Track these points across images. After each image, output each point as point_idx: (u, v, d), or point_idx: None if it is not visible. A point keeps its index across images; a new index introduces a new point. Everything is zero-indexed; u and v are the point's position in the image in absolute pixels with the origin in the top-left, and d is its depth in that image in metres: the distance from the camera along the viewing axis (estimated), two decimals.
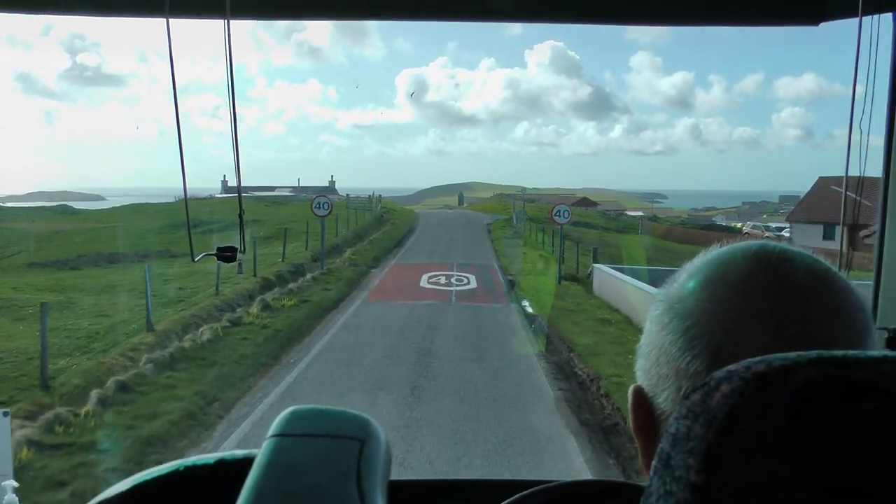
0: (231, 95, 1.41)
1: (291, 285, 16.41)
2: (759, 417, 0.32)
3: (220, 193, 61.70)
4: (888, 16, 1.37)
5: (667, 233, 48.28)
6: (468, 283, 18.04)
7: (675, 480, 0.33)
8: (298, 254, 21.42)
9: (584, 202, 78.53)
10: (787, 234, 40.35)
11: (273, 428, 0.38)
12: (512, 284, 18.17)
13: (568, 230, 23.04)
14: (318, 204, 21.74)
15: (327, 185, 75.57)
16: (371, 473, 0.35)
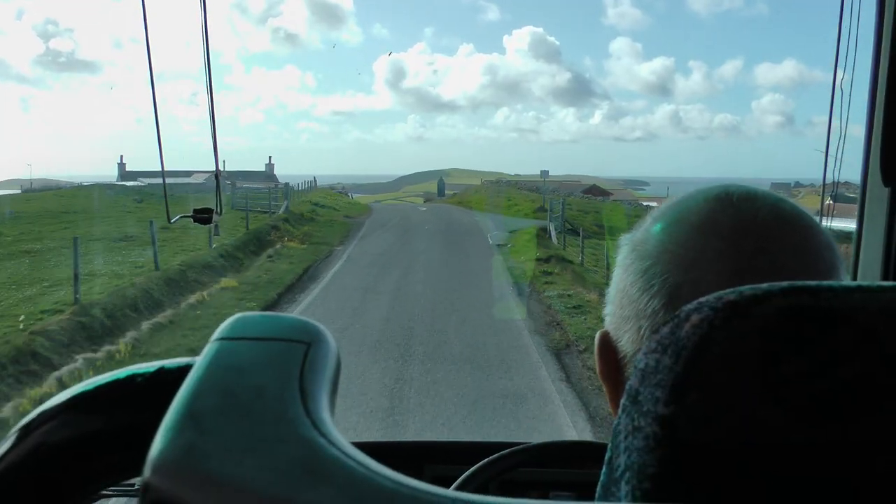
0: (207, 65, 1.40)
1: None
2: (729, 346, 0.31)
3: (118, 180, 44.78)
4: None
5: None
6: None
7: (643, 415, 0.32)
8: None
9: (595, 191, 63.51)
10: None
11: (217, 332, 0.37)
12: None
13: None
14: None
15: (263, 168, 59.67)
16: (315, 374, 0.34)
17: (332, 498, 0.25)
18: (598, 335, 0.59)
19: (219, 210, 1.55)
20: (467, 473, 0.88)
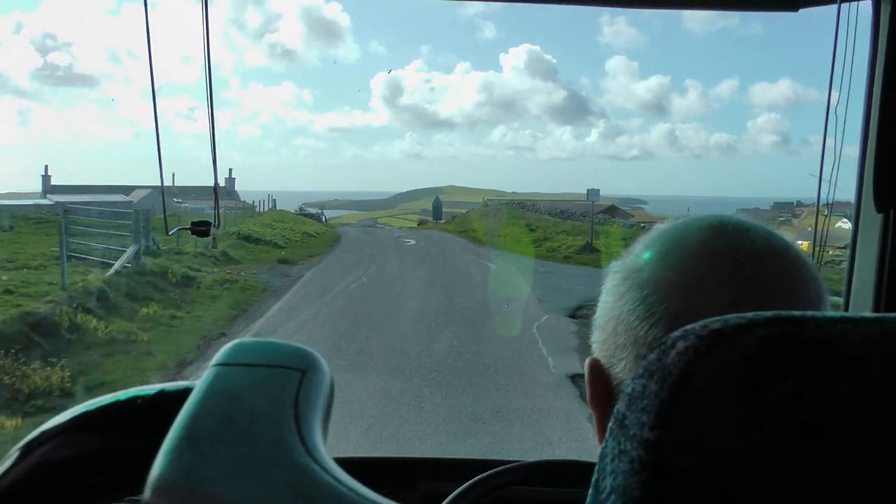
0: (208, 76, 1.36)
1: None
2: (713, 373, 0.31)
3: (42, 198, 32.76)
4: (867, 4, 1.22)
5: None
6: None
7: (630, 439, 0.32)
8: None
9: (612, 212, 52.59)
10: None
11: (215, 358, 0.38)
12: None
13: None
14: None
15: (224, 184, 49.27)
16: (309, 401, 0.35)
17: None
18: (587, 362, 0.58)
19: (216, 223, 1.53)
20: (458, 491, 0.85)
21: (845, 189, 1.28)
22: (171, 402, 0.35)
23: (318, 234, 26.51)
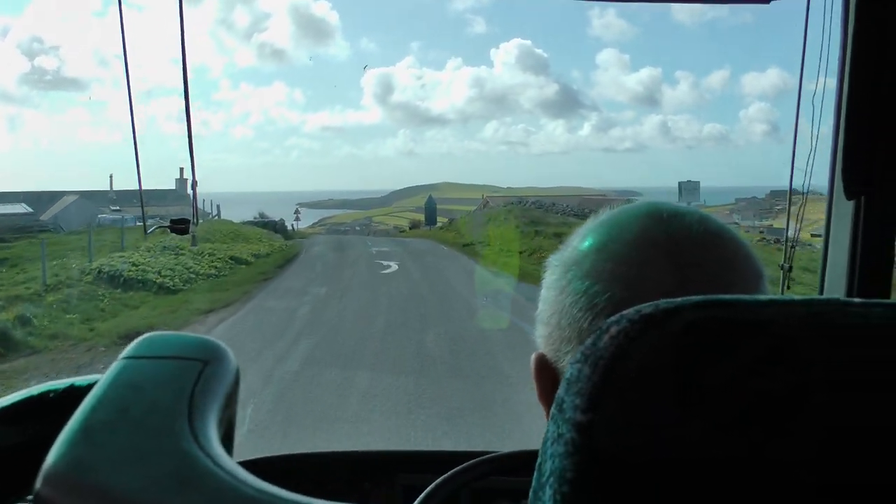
0: (184, 71, 1.35)
1: None
2: (643, 357, 0.31)
3: None
4: None
5: None
6: None
7: (565, 422, 0.32)
8: None
9: None
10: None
11: (124, 352, 0.39)
12: None
13: None
14: None
15: (174, 187, 38.31)
16: (207, 390, 0.35)
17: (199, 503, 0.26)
18: (533, 358, 0.58)
19: (195, 220, 1.50)
20: (436, 483, 0.85)
21: (822, 176, 1.26)
22: (81, 394, 0.35)
23: (259, 259, 18.12)
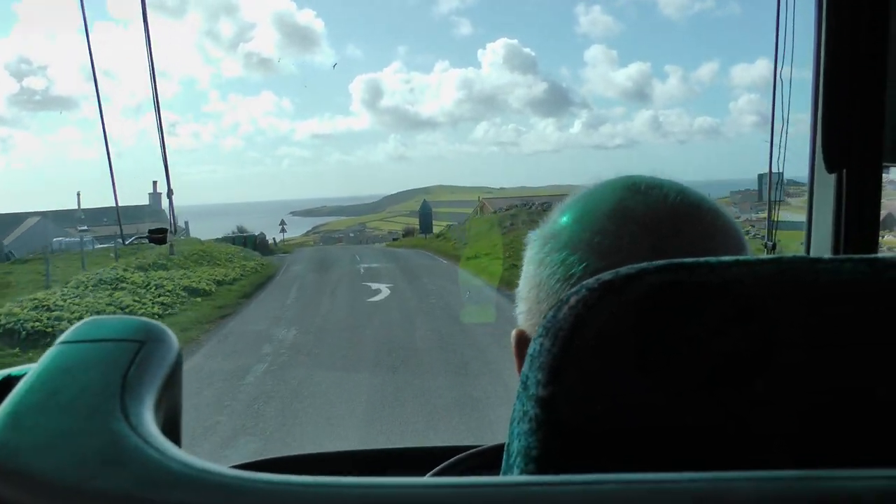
0: (152, 75, 1.37)
1: None
2: (603, 325, 0.30)
3: None
4: None
5: None
6: None
7: (529, 399, 0.31)
8: None
9: None
10: None
11: (61, 337, 0.37)
12: None
13: None
14: None
15: (147, 201, 35.14)
16: (142, 371, 0.34)
17: (124, 482, 0.26)
18: (513, 334, 0.56)
19: (173, 230, 1.46)
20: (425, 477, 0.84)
21: (802, 155, 1.31)
22: (16, 384, 0.34)
23: (223, 287, 14.94)
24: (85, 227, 33.99)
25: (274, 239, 33.41)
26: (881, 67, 1.11)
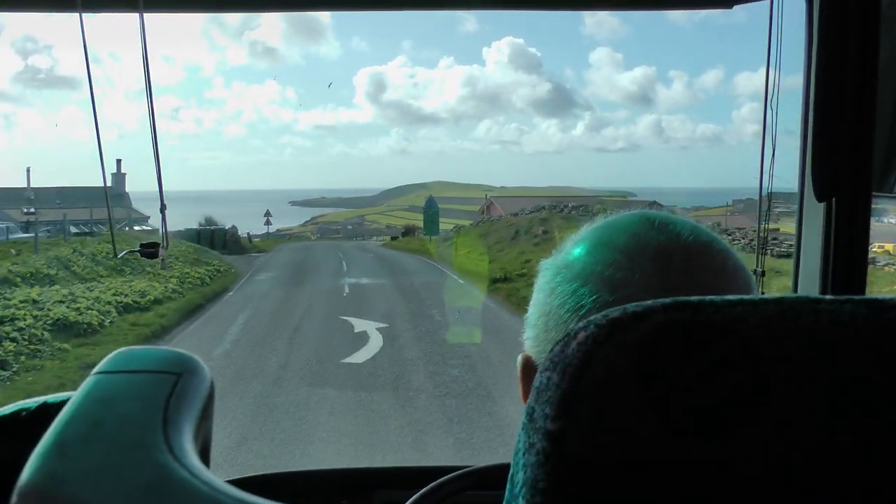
0: (148, 90, 1.31)
1: None
2: (611, 361, 0.30)
3: None
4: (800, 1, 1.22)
5: None
6: None
7: (536, 431, 0.31)
8: None
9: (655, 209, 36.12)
10: None
11: (97, 367, 0.38)
12: None
13: None
14: None
15: (110, 182, 32.05)
16: (181, 403, 0.35)
17: None
18: (519, 359, 0.57)
19: (164, 243, 1.44)
20: (414, 498, 0.84)
21: (789, 180, 1.27)
22: (53, 412, 0.35)
23: (129, 314, 9.68)
24: (32, 209, 28.79)
25: (249, 234, 28.06)
26: (870, 97, 1.11)
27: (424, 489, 0.79)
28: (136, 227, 24.91)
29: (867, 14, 1.10)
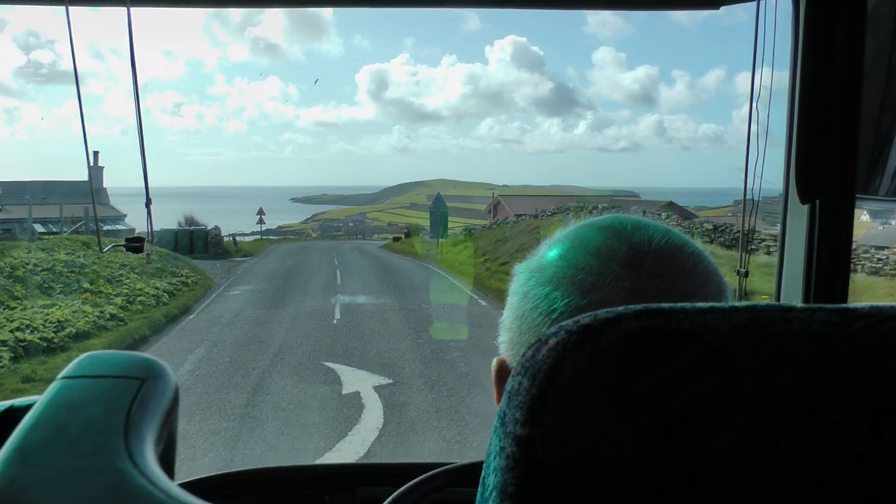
0: (135, 85, 1.29)
1: None
2: (581, 368, 0.30)
3: None
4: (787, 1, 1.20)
5: None
6: None
7: (507, 436, 0.31)
8: None
9: (673, 209, 33.18)
10: None
11: (62, 372, 0.38)
12: None
13: None
14: None
15: (86, 178, 28.77)
16: (144, 408, 0.35)
17: None
18: (494, 362, 0.57)
19: (150, 238, 1.42)
20: (395, 494, 0.83)
21: (776, 182, 1.26)
22: (20, 416, 0.35)
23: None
24: None
25: (233, 236, 25.25)
26: (856, 99, 1.10)
27: (406, 486, 0.79)
28: (107, 227, 22.01)
29: (853, 16, 1.10)
